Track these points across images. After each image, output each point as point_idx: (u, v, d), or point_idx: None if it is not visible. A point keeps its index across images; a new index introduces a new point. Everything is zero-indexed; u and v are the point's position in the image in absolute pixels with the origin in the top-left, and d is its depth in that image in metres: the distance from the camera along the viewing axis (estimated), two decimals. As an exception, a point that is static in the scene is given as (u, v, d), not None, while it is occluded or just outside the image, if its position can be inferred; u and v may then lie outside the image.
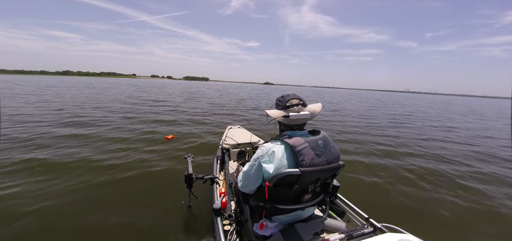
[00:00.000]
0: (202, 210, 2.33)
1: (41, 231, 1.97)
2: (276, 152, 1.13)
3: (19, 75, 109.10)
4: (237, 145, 2.95)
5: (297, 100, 1.27)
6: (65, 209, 2.28)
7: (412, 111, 15.35)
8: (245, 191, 1.30)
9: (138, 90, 21.78)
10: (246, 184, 1.25)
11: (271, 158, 1.13)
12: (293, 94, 1.31)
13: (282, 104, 1.28)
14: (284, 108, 1.26)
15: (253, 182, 1.21)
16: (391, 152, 4.85)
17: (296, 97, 1.29)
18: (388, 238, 1.07)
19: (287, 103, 1.26)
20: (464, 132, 7.98)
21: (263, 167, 1.14)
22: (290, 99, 1.28)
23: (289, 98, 1.28)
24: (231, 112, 9.90)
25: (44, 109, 7.94)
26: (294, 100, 1.27)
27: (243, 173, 1.28)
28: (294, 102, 1.26)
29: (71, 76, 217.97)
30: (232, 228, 1.44)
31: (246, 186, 1.27)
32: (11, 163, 3.17)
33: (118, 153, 3.85)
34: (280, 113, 1.24)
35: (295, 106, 1.25)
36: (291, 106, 1.25)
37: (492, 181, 3.48)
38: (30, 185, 2.66)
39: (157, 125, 6.34)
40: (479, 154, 5.06)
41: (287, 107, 1.25)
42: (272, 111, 1.30)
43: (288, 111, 1.23)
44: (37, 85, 23.25)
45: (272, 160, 1.13)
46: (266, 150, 1.16)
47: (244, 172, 1.26)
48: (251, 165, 1.22)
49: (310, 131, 1.27)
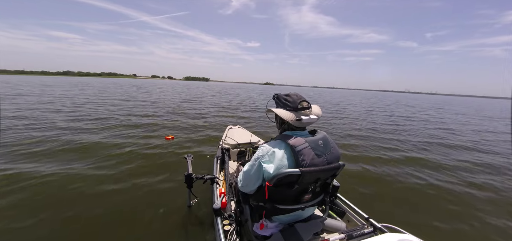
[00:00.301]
0: (202, 210, 2.33)
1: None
2: (276, 152, 1.14)
3: (20, 76, 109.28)
4: (237, 145, 2.95)
5: (306, 102, 1.25)
6: (64, 209, 2.28)
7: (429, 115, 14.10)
8: (245, 191, 1.30)
9: (137, 91, 21.62)
10: (246, 184, 1.25)
11: (272, 158, 1.13)
12: (298, 94, 1.28)
13: (292, 106, 1.23)
14: (295, 110, 1.22)
15: (253, 182, 1.21)
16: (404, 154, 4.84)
17: (305, 100, 1.26)
18: (388, 238, 1.07)
19: (299, 106, 1.22)
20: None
21: (264, 167, 1.14)
22: (301, 101, 1.24)
23: (300, 100, 1.24)
24: (233, 114, 9.90)
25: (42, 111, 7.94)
26: (304, 102, 1.24)
27: (243, 173, 1.27)
28: (305, 105, 1.24)
29: (72, 76, 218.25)
30: (232, 228, 1.45)
31: (246, 186, 1.26)
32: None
33: (117, 154, 3.85)
34: (291, 116, 1.20)
35: (306, 109, 1.23)
36: (302, 108, 1.22)
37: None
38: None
39: (157, 126, 6.34)
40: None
41: (299, 110, 1.22)
42: (282, 111, 1.24)
43: (299, 114, 1.21)
44: (39, 85, 23.26)
45: (273, 160, 1.13)
46: (267, 150, 1.16)
47: (244, 172, 1.26)
48: (251, 165, 1.22)
49: (310, 131, 1.27)
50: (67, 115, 7.10)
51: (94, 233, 2.00)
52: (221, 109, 11.08)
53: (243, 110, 10.99)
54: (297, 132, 1.22)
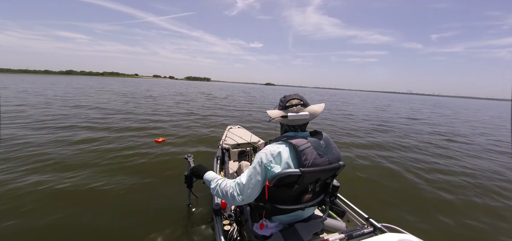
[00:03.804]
0: (202, 210, 2.33)
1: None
2: (282, 152, 1.11)
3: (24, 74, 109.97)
4: (237, 145, 2.95)
5: (297, 100, 1.26)
6: (64, 209, 2.29)
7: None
8: (247, 202, 1.16)
9: (132, 97, 20.32)
10: (249, 195, 1.12)
11: (277, 160, 1.10)
12: (295, 94, 1.30)
13: (282, 104, 1.27)
14: (284, 108, 1.26)
15: (258, 189, 1.13)
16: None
17: (296, 97, 1.28)
18: (388, 238, 1.07)
19: (287, 103, 1.25)
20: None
21: (270, 170, 1.09)
22: (291, 99, 1.27)
23: (290, 98, 1.27)
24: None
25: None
26: (294, 100, 1.26)
27: (243, 186, 1.12)
28: (294, 102, 1.25)
29: (74, 75, 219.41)
30: (232, 228, 1.45)
31: (249, 197, 1.12)
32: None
33: (117, 154, 3.86)
34: (279, 113, 1.25)
35: (294, 106, 1.24)
36: (290, 106, 1.24)
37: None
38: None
39: (157, 126, 6.36)
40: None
41: (287, 107, 1.25)
42: (272, 111, 1.30)
43: (287, 111, 1.23)
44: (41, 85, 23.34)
45: (279, 162, 1.10)
46: (271, 152, 1.12)
47: (245, 185, 1.12)
48: (254, 174, 1.12)
49: (311, 132, 1.26)
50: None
51: (93, 233, 2.01)
52: (220, 108, 11.08)
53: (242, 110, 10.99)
54: (299, 133, 1.21)
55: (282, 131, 1.34)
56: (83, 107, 8.86)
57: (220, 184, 1.21)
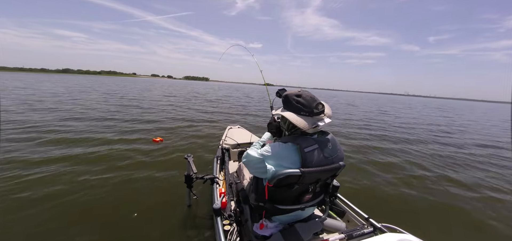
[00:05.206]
0: (202, 210, 2.32)
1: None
2: (289, 157, 1.10)
3: (20, 73, 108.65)
4: (237, 145, 2.95)
5: (321, 105, 1.11)
6: (63, 208, 2.28)
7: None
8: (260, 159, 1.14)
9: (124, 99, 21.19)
10: (247, 164, 1.20)
11: (278, 159, 1.10)
12: (310, 94, 1.16)
13: (307, 110, 1.10)
14: (311, 115, 1.10)
15: (253, 171, 1.20)
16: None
17: (319, 101, 1.12)
18: (388, 238, 1.07)
19: (315, 110, 1.09)
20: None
21: (268, 168, 1.10)
22: (316, 104, 1.10)
23: (315, 103, 1.10)
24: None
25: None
26: (319, 105, 1.10)
27: (247, 154, 1.20)
28: (320, 108, 1.09)
29: (71, 74, 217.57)
30: (232, 228, 1.45)
31: (247, 165, 1.21)
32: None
33: (117, 154, 3.84)
34: (306, 125, 1.06)
35: (321, 113, 1.09)
36: (318, 113, 1.09)
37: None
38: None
39: (156, 127, 6.33)
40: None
41: (315, 115, 1.09)
42: (295, 118, 1.10)
43: (316, 120, 1.08)
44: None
45: (282, 164, 1.09)
46: (275, 152, 1.11)
47: (249, 157, 1.18)
48: (257, 160, 1.14)
49: (318, 133, 1.21)
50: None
51: (93, 233, 2.00)
52: (220, 108, 11.06)
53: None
54: (308, 138, 1.13)
55: (289, 132, 1.26)
56: (83, 107, 8.81)
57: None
